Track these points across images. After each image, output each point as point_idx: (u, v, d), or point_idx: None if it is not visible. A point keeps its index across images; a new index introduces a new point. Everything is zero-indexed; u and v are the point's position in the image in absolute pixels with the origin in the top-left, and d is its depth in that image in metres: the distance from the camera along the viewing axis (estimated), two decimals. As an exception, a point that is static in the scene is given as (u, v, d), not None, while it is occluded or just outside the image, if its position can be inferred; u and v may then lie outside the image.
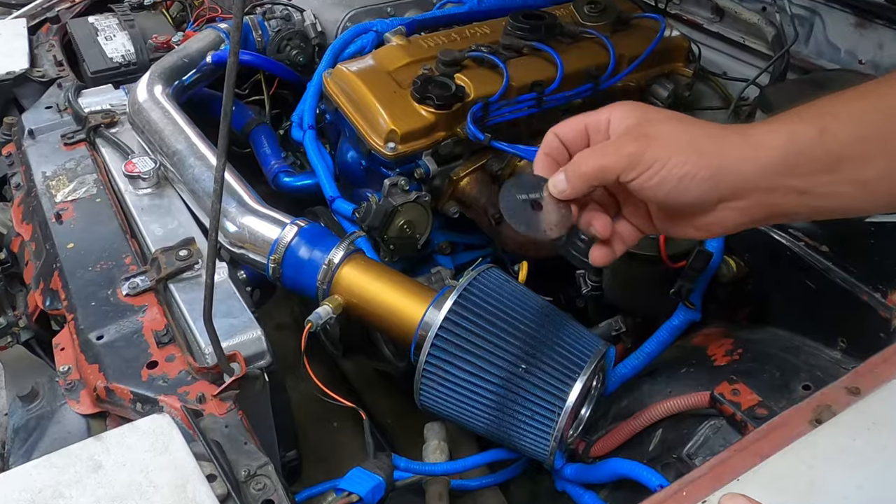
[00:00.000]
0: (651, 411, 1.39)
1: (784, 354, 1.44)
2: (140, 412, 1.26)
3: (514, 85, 1.83)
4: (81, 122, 1.99)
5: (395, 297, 1.48)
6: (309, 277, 1.53)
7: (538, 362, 1.30)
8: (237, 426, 1.21)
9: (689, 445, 1.33)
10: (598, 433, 1.48)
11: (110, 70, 2.38)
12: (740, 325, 1.63)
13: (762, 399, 1.30)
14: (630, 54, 2.01)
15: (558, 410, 1.29)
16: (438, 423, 1.62)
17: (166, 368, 1.31)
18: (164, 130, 1.82)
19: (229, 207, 1.61)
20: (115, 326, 1.40)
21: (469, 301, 1.35)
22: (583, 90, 1.93)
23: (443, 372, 1.34)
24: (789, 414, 1.05)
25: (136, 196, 1.76)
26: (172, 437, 1.12)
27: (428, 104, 1.75)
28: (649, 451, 1.39)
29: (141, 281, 1.48)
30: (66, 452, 1.09)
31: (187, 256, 1.51)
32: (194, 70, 2.20)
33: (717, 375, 1.39)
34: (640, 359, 1.59)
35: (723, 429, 1.32)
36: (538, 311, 1.37)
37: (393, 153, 1.74)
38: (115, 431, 1.13)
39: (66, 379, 1.35)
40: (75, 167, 1.86)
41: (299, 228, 1.56)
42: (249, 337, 1.38)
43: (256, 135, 2.30)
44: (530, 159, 1.76)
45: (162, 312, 1.43)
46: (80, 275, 1.53)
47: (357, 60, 1.94)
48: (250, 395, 1.31)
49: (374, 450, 1.42)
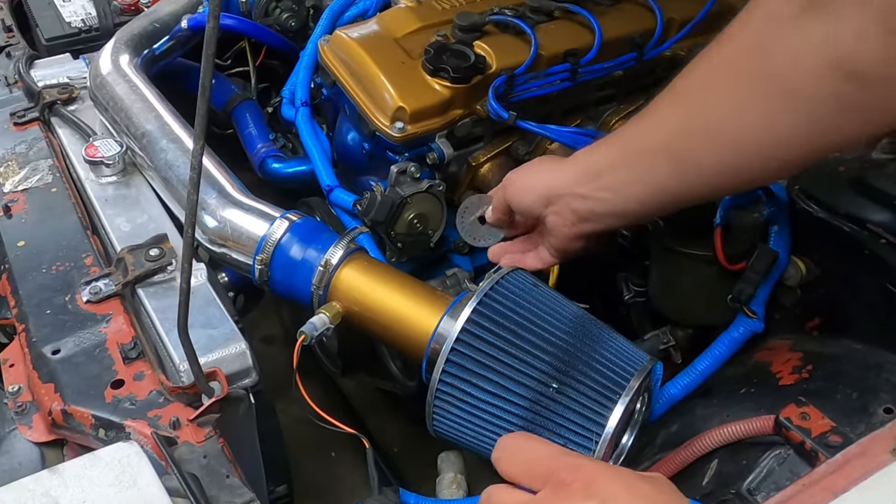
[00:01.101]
0: (705, 439, 1.39)
1: (862, 372, 1.43)
2: (103, 440, 1.26)
3: (543, 54, 1.82)
4: (34, 97, 2.00)
5: (403, 305, 1.48)
6: (302, 281, 1.53)
7: (572, 381, 1.30)
8: (218, 456, 1.21)
9: (750, 479, 1.33)
10: (642, 464, 1.48)
11: (68, 37, 2.38)
12: (810, 337, 1.62)
13: (836, 424, 1.30)
14: (681, 18, 2.00)
15: (596, 438, 1.29)
16: (454, 453, 1.63)
17: (134, 388, 1.31)
18: (132, 108, 1.83)
19: (208, 199, 1.62)
20: (74, 339, 1.40)
21: (491, 309, 1.35)
22: (625, 60, 1.92)
23: (460, 392, 1.34)
24: (868, 442, 1.05)
25: (99, 185, 1.77)
26: (141, 469, 1.12)
27: (442, 77, 1.75)
28: (703, 486, 1.38)
29: (104, 285, 1.49)
30: (17, 487, 1.08)
31: (159, 256, 1.52)
32: (167, 37, 2.21)
33: (783, 397, 1.38)
34: (693, 377, 1.59)
35: (789, 459, 1.32)
36: (572, 321, 1.37)
37: (401, 134, 1.74)
38: (73, 462, 1.12)
39: (17, 401, 1.36)
40: (27, 151, 1.86)
41: (291, 223, 1.56)
42: (232, 351, 1.39)
43: (240, 113, 2.31)
44: (563, 142, 1.76)
45: (129, 322, 1.43)
46: (32, 278, 1.53)
47: (359, 25, 1.94)
48: (233, 420, 1.32)
49: (380, 484, 1.42)
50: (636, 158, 1.34)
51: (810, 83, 1.08)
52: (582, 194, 1.40)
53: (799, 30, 1.08)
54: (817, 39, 1.06)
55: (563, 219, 1.44)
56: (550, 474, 0.97)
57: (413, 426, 2.09)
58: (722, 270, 1.58)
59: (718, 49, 1.22)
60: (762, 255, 1.55)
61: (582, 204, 1.40)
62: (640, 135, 1.34)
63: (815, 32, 1.06)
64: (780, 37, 1.11)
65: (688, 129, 1.27)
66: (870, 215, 1.47)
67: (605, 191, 1.37)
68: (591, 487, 0.93)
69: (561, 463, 0.98)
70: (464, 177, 1.86)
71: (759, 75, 1.15)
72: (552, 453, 1.01)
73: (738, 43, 1.19)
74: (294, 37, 2.31)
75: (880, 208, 1.44)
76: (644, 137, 1.33)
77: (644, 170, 1.33)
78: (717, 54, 1.23)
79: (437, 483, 1.60)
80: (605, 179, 1.37)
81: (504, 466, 1.03)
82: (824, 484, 1.00)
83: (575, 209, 1.42)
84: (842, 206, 1.49)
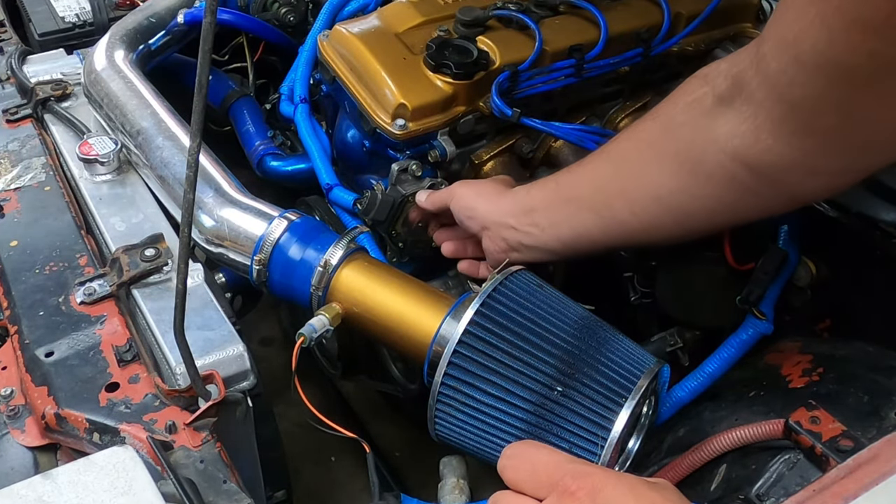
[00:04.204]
0: (713, 443, 1.39)
1: (874, 375, 1.43)
2: (97, 444, 1.26)
3: (547, 50, 1.83)
4: (27, 94, 2.00)
5: (404, 306, 1.48)
6: (301, 282, 1.53)
7: (577, 384, 1.30)
8: (215, 461, 1.21)
9: (759, 484, 1.33)
10: (649, 469, 1.48)
11: (62, 32, 2.39)
12: (821, 339, 1.62)
13: (847, 428, 1.30)
14: (689, 12, 2.00)
15: (602, 442, 1.28)
16: (457, 458, 1.62)
17: (129, 391, 1.31)
18: (127, 105, 1.83)
19: (205, 197, 1.62)
20: (68, 341, 1.40)
21: (494, 310, 1.35)
22: (631, 56, 1.91)
23: (462, 396, 1.34)
24: (880, 446, 1.05)
25: (93, 184, 1.77)
26: (136, 474, 1.12)
27: (444, 73, 1.75)
28: (711, 491, 1.38)
29: (99, 286, 1.49)
30: (9, 493, 1.08)
31: (154, 256, 1.52)
32: (163, 32, 2.21)
33: (793, 400, 1.38)
34: (701, 380, 1.59)
35: (799, 464, 1.32)
36: (577, 323, 1.37)
37: (402, 132, 1.73)
38: (67, 467, 1.12)
39: (9, 404, 1.35)
40: (20, 149, 1.87)
41: (289, 223, 1.56)
42: (229, 353, 1.39)
43: (238, 110, 2.31)
44: (568, 139, 1.76)
45: (124, 324, 1.43)
46: (25, 278, 1.53)
47: (359, 20, 1.94)
48: (230, 424, 1.31)
49: (380, 489, 1.42)
50: (564, 204, 1.49)
51: (717, 168, 1.23)
52: (513, 226, 1.53)
53: (711, 121, 1.22)
54: (724, 132, 1.20)
55: (496, 244, 1.58)
56: (556, 482, 0.98)
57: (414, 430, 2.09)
58: (731, 271, 1.58)
59: (646, 125, 1.39)
60: (772, 255, 1.55)
61: (512, 235, 1.54)
62: (572, 184, 1.50)
63: (723, 125, 1.20)
64: (696, 125, 1.26)
65: (611, 188, 1.43)
66: (882, 214, 1.46)
67: (534, 227, 1.51)
68: (597, 495, 0.94)
69: (566, 470, 0.98)
70: (466, 175, 1.86)
71: (676, 155, 1.30)
72: (558, 461, 1.02)
73: (662, 123, 1.35)
74: (293, 32, 2.31)
75: (892, 207, 1.44)
76: (574, 187, 1.49)
77: (569, 215, 1.47)
78: (643, 129, 1.40)
79: (438, 488, 1.60)
80: (535, 216, 1.51)
81: (510, 474, 1.05)
82: (835, 489, 1.00)
83: (505, 238, 1.55)
84: (853, 206, 1.49)
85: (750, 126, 1.15)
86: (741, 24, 2.13)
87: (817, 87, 1.03)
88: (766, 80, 1.10)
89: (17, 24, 2.44)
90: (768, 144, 1.13)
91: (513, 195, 1.57)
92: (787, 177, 1.17)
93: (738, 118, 1.17)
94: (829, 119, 1.06)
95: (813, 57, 1.00)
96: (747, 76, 1.14)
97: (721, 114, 1.20)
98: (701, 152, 1.25)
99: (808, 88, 1.04)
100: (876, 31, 0.91)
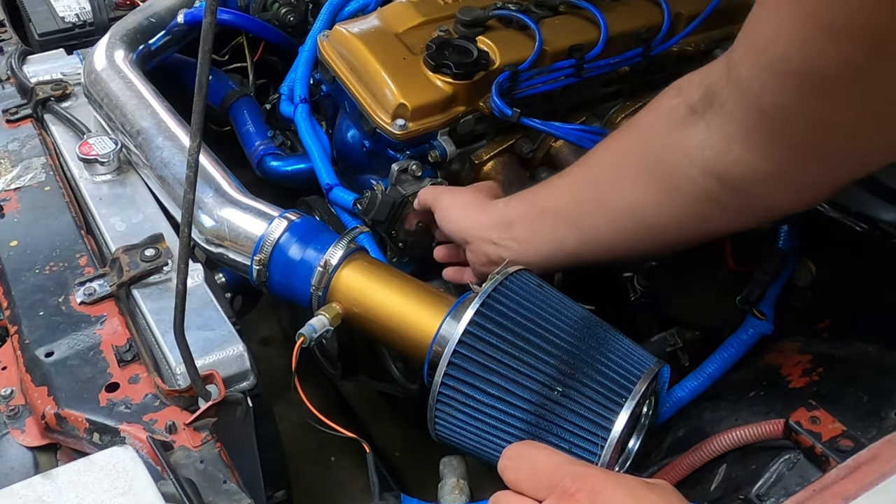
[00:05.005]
0: (713, 443, 1.39)
1: (874, 375, 1.43)
2: (97, 444, 1.26)
3: (547, 50, 1.83)
4: (27, 94, 2.00)
5: (404, 306, 1.48)
6: (301, 282, 1.53)
7: (577, 384, 1.30)
8: (215, 461, 1.21)
9: (759, 484, 1.33)
10: (649, 469, 1.48)
11: (62, 32, 2.39)
12: (821, 339, 1.62)
13: (847, 428, 1.30)
14: (689, 12, 2.00)
15: (601, 442, 1.28)
16: (457, 458, 1.62)
17: (129, 391, 1.31)
18: (127, 105, 1.83)
19: (205, 197, 1.62)
20: (68, 341, 1.40)
21: (494, 310, 1.35)
22: (631, 56, 1.92)
23: (462, 396, 1.34)
24: (881, 446, 1.05)
25: (93, 184, 1.77)
26: (136, 474, 1.12)
27: (444, 73, 1.75)
28: (711, 491, 1.38)
29: (99, 286, 1.49)
30: (8, 493, 1.08)
31: (154, 257, 1.52)
32: (163, 32, 2.21)
33: (793, 400, 1.38)
34: (701, 380, 1.59)
35: (799, 464, 1.32)
36: (577, 323, 1.37)
37: (402, 132, 1.74)
38: (67, 467, 1.13)
39: (9, 404, 1.36)
40: (20, 149, 1.87)
41: (289, 223, 1.56)
42: (229, 354, 1.39)
43: (238, 110, 2.31)
44: (568, 139, 1.76)
45: (124, 324, 1.43)
46: (25, 279, 1.53)
47: (359, 20, 1.94)
48: (231, 424, 1.32)
49: (380, 490, 1.42)
50: (541, 217, 1.49)
51: (687, 183, 1.23)
52: (493, 240, 1.54)
53: (684, 132, 1.21)
54: (695, 143, 1.19)
55: (477, 257, 1.58)
56: (556, 483, 0.98)
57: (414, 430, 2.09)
58: (731, 271, 1.58)
59: (622, 136, 1.40)
60: (772, 255, 1.55)
61: (492, 249, 1.54)
62: (550, 196, 1.50)
63: (694, 136, 1.19)
64: (668, 136, 1.25)
65: (589, 200, 1.43)
66: (882, 214, 1.46)
67: (513, 241, 1.51)
68: (597, 497, 0.94)
69: (566, 472, 0.99)
70: (466, 175, 1.86)
71: (648, 169, 1.31)
72: (558, 462, 1.02)
73: (637, 135, 1.35)
74: (293, 32, 2.31)
75: (892, 207, 1.44)
76: (552, 199, 1.49)
77: (547, 228, 1.48)
78: (620, 140, 1.40)
79: (438, 488, 1.60)
80: (514, 230, 1.51)
81: (510, 475, 1.05)
82: (835, 489, 1.00)
83: (486, 252, 1.55)
84: (853, 206, 1.49)
85: (720, 136, 1.14)
86: (741, 25, 2.13)
87: (788, 95, 1.02)
88: (737, 87, 1.09)
89: (17, 24, 2.44)
90: (739, 155, 1.13)
91: (493, 208, 1.57)
92: (757, 189, 1.17)
93: (709, 129, 1.16)
94: (801, 128, 1.05)
95: (784, 64, 0.99)
96: (719, 86, 1.14)
97: (692, 124, 1.20)
98: (672, 166, 1.25)
99: (780, 96, 1.03)
100: (850, 38, 0.90)
